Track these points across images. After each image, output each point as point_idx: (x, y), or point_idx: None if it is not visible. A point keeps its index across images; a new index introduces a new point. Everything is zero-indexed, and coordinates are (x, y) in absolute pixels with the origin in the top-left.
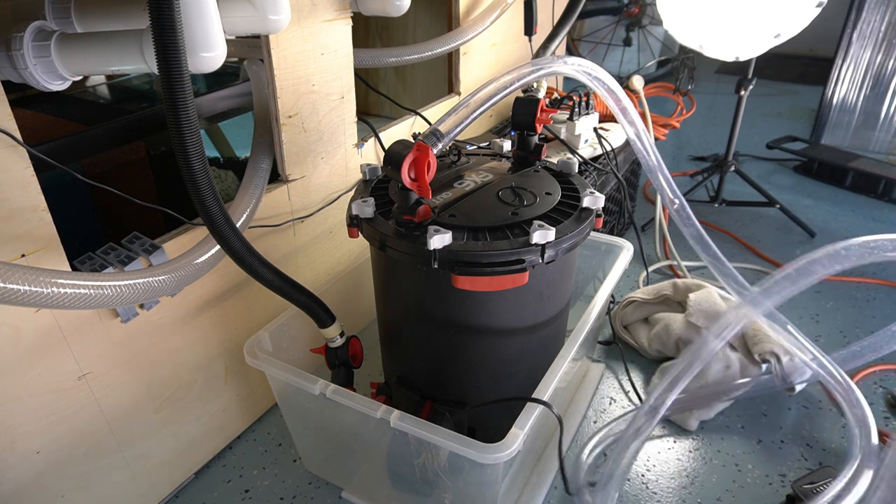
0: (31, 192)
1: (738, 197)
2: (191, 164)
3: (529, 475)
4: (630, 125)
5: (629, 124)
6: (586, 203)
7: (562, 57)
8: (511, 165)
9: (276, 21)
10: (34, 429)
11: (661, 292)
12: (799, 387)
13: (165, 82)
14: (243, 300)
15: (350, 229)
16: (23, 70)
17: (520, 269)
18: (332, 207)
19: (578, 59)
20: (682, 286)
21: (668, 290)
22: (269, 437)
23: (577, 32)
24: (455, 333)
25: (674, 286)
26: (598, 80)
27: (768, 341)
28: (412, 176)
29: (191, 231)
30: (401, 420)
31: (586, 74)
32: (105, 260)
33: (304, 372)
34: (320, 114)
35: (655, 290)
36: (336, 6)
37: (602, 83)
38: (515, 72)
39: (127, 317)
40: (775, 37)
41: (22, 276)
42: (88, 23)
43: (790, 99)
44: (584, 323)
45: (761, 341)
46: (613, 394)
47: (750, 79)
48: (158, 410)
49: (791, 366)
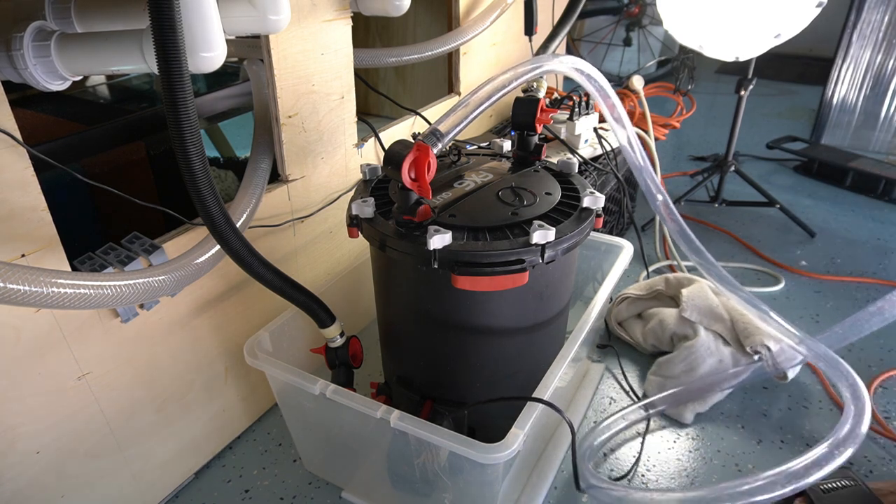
0: (31, 192)
1: (738, 197)
2: (191, 164)
3: (529, 475)
4: (617, 122)
5: (615, 121)
6: (586, 203)
7: (557, 55)
8: (511, 165)
9: (276, 21)
10: (34, 429)
11: (653, 288)
12: (791, 373)
13: (166, 82)
14: (243, 300)
15: (350, 229)
16: (23, 70)
17: (520, 270)
18: (332, 207)
19: (573, 57)
20: (675, 281)
21: (661, 286)
22: (269, 437)
23: (577, 32)
24: (455, 333)
25: (666, 281)
26: (591, 79)
27: (759, 333)
28: (412, 176)
29: (191, 231)
30: (401, 420)
31: (579, 72)
32: (105, 260)
33: (303, 372)
34: (320, 114)
35: (648, 285)
36: (336, 6)
37: (594, 82)
38: (512, 71)
39: (127, 317)
40: (775, 37)
41: (22, 276)
42: (88, 23)
43: (790, 99)
44: (584, 323)
45: (752, 334)
46: (613, 394)
47: (750, 79)
48: (159, 410)
49: (781, 353)
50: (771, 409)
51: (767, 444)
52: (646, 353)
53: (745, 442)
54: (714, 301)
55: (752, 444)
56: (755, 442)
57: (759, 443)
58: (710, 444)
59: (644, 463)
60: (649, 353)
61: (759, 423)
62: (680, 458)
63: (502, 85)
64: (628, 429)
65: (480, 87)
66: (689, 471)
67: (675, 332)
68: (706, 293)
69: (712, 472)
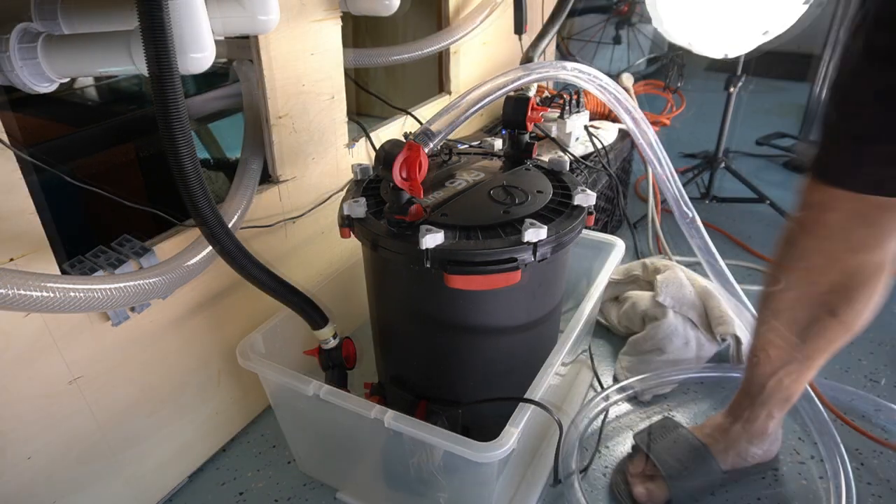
0: (19, 195)
1: (728, 193)
2: (182, 166)
3: (524, 473)
4: (635, 124)
5: (649, 151)
6: (578, 201)
7: (560, 63)
8: (502, 164)
9: (265, 21)
10: (25, 434)
11: (631, 272)
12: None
13: (156, 83)
14: (235, 302)
15: (342, 230)
16: (9, 72)
17: (512, 268)
18: (324, 208)
19: (591, 69)
20: (651, 266)
21: (638, 271)
22: (263, 438)
23: (566, 31)
24: (448, 333)
25: (643, 266)
26: (604, 90)
27: (731, 324)
28: (404, 175)
29: (182, 233)
30: (395, 420)
31: (599, 87)
32: (95, 263)
33: (297, 373)
34: (311, 114)
35: (626, 269)
36: (325, 6)
37: (608, 91)
38: (513, 73)
39: (118, 320)
40: (763, 34)
41: (11, 280)
42: (75, 24)
43: (779, 95)
44: (576, 321)
45: (725, 323)
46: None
47: (739, 76)
48: (151, 414)
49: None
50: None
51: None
52: (620, 334)
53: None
54: (688, 287)
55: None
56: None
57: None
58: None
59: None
60: (623, 335)
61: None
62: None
63: (497, 88)
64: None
65: (475, 88)
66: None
67: (647, 313)
68: (680, 279)
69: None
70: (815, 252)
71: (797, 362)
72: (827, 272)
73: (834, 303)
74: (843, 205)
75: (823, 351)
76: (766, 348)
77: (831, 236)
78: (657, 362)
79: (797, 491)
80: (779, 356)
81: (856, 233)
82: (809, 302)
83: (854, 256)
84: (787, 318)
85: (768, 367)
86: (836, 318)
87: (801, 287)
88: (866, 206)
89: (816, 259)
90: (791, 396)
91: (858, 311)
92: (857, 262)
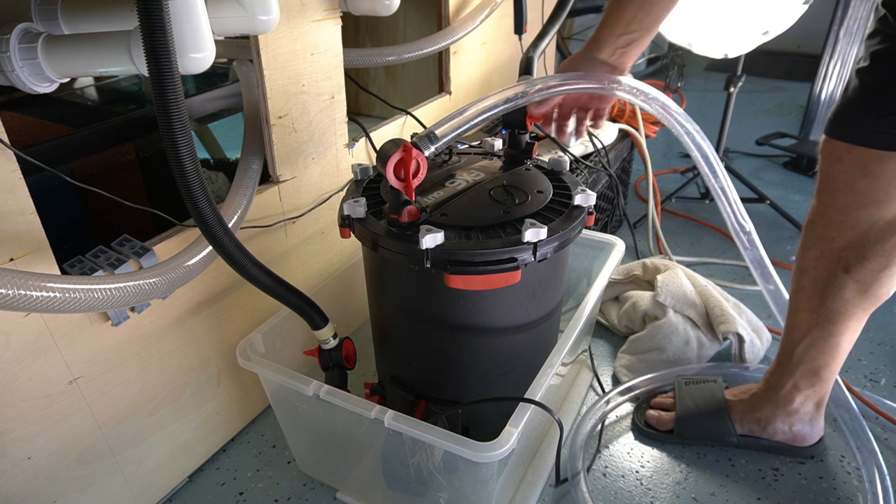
0: (19, 195)
1: None
2: (183, 166)
3: (524, 473)
4: (692, 141)
5: (687, 136)
6: (578, 201)
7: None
8: (502, 164)
9: (265, 21)
10: (25, 434)
11: (631, 272)
12: (753, 368)
13: (156, 83)
14: (235, 302)
15: (342, 230)
16: (9, 73)
17: (512, 268)
18: (324, 208)
19: (640, 82)
20: (651, 266)
21: (638, 271)
22: (262, 439)
23: (566, 30)
24: (448, 333)
25: (643, 266)
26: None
27: (733, 322)
28: (401, 175)
29: (181, 233)
30: (395, 420)
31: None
32: (95, 263)
33: (297, 373)
34: (311, 114)
35: (626, 269)
36: (325, 6)
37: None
38: (524, 85)
39: (118, 320)
40: (763, 34)
41: (10, 281)
42: (75, 24)
43: (779, 95)
44: (576, 321)
45: (727, 321)
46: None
47: (739, 76)
48: (151, 414)
49: (751, 348)
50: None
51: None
52: (620, 334)
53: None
54: (688, 287)
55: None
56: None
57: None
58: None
59: (638, 459)
60: (623, 334)
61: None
62: (673, 454)
63: (506, 99)
64: (618, 422)
65: (488, 96)
66: (683, 466)
67: (647, 313)
68: (681, 279)
69: (706, 468)
70: (830, 206)
71: (819, 327)
72: (841, 228)
73: (848, 258)
74: (846, 156)
75: (840, 314)
76: (796, 311)
77: (839, 189)
78: (657, 362)
79: (797, 491)
80: (805, 321)
81: (859, 183)
82: (827, 259)
83: (864, 210)
84: (810, 277)
85: (796, 332)
86: (850, 275)
87: (820, 244)
88: (865, 156)
89: (831, 213)
90: (818, 370)
91: (872, 270)
92: (868, 217)
